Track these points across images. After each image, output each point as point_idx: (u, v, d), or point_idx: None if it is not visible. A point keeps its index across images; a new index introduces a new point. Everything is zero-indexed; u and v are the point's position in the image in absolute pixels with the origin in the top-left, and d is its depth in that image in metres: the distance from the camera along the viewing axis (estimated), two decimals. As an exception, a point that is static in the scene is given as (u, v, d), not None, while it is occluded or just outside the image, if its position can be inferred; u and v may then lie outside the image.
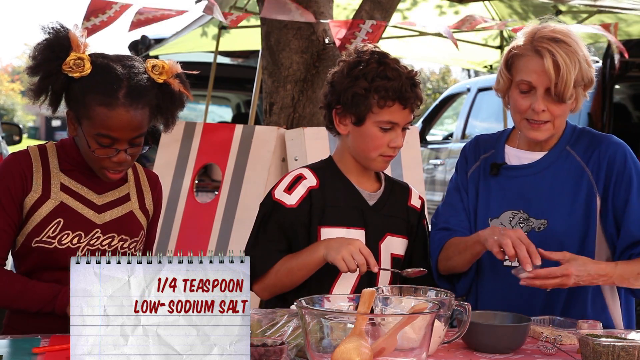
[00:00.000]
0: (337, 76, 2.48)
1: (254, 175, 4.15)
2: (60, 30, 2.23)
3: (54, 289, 2.24)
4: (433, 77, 35.08)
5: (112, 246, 2.34)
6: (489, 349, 2.12)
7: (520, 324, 2.16)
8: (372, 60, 2.44)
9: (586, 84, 2.41)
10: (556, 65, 2.32)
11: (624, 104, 8.28)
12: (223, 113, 11.52)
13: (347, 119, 2.46)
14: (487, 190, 2.52)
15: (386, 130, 2.43)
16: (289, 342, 1.95)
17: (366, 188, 2.54)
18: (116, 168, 2.27)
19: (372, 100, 2.40)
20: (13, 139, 8.12)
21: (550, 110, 2.37)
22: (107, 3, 4.16)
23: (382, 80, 2.39)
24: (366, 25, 4.03)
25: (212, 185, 7.00)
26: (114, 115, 2.18)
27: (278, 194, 2.49)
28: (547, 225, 2.42)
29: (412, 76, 2.44)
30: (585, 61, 2.36)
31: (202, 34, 7.01)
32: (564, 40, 2.35)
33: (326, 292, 2.42)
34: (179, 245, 4.26)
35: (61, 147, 2.36)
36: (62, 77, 2.21)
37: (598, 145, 2.44)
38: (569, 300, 2.43)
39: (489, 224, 2.48)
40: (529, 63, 2.37)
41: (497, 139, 2.59)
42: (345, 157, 2.53)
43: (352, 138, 2.48)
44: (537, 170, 2.48)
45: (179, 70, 2.32)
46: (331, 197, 2.48)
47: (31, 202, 2.27)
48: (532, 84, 2.36)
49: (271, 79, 4.43)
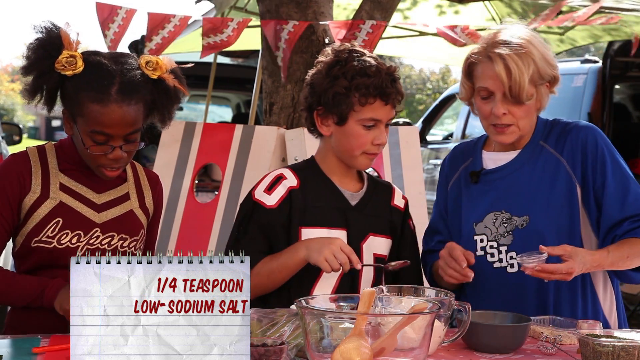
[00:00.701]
0: (316, 77, 2.47)
1: (254, 175, 4.15)
2: (52, 29, 2.24)
3: (42, 282, 2.24)
4: (433, 77, 35.10)
5: (111, 245, 2.34)
6: (489, 349, 2.12)
7: (520, 324, 2.16)
8: (350, 58, 2.43)
9: (549, 81, 2.44)
10: (507, 68, 2.36)
11: (624, 104, 8.28)
12: (223, 113, 11.52)
13: (329, 120, 2.45)
14: (469, 198, 2.57)
15: (369, 128, 2.42)
16: (289, 342, 1.95)
17: (348, 188, 2.53)
18: (113, 165, 2.27)
19: (354, 99, 2.40)
20: (13, 139, 8.12)
21: (511, 112, 2.41)
22: (112, 8, 4.17)
23: (362, 77, 2.39)
24: (366, 26, 4.03)
25: (212, 185, 7.00)
26: (107, 111, 2.18)
27: (258, 194, 2.48)
28: (529, 222, 2.44)
29: (391, 72, 2.44)
30: (542, 60, 2.39)
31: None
32: (517, 43, 2.38)
33: (307, 293, 2.40)
34: (179, 245, 4.26)
35: (60, 147, 2.36)
36: (56, 76, 2.22)
37: (568, 133, 2.48)
38: (558, 299, 2.45)
39: (474, 229, 2.50)
40: (484, 69, 2.42)
41: (474, 145, 2.64)
42: (327, 158, 2.53)
43: (336, 138, 2.47)
44: (514, 169, 2.51)
45: (173, 65, 2.32)
46: (312, 198, 2.47)
47: (30, 202, 2.28)
48: (489, 90, 2.41)
49: (271, 79, 4.43)
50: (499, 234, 2.47)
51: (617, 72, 7.24)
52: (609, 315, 2.49)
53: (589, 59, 7.77)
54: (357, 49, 2.47)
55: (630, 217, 2.38)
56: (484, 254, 2.48)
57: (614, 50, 7.08)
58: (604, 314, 2.48)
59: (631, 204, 2.39)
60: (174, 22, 4.20)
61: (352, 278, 2.46)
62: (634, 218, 2.37)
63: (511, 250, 2.45)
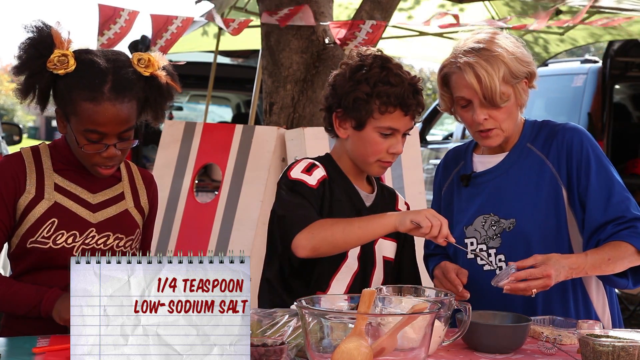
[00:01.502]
0: (338, 79, 2.46)
1: (254, 175, 4.15)
2: (43, 28, 2.23)
3: (39, 294, 2.21)
4: (433, 77, 35.05)
5: (107, 245, 2.33)
6: (489, 349, 2.12)
7: (520, 324, 2.16)
8: (374, 64, 2.42)
9: (526, 78, 2.43)
10: (477, 76, 2.36)
11: (624, 104, 8.28)
12: (223, 113, 11.51)
13: (347, 123, 2.45)
14: (460, 202, 2.57)
15: (386, 136, 2.42)
16: (289, 342, 1.94)
17: (362, 189, 2.54)
18: (107, 163, 2.26)
19: (374, 106, 2.39)
20: (13, 139, 8.12)
21: (492, 117, 2.41)
22: (115, 10, 4.18)
23: (385, 85, 2.38)
24: (366, 26, 4.03)
25: (212, 185, 7.00)
26: (100, 110, 2.17)
27: (295, 174, 2.42)
28: (516, 224, 2.44)
29: (414, 82, 2.43)
30: (513, 60, 2.38)
31: (203, 34, 7.02)
32: (484, 47, 2.38)
33: (325, 288, 2.41)
34: (179, 245, 4.26)
35: (54, 147, 2.36)
36: (47, 75, 2.21)
37: (555, 136, 2.46)
38: (549, 302, 2.44)
39: (464, 232, 2.51)
40: (457, 80, 2.42)
41: (466, 149, 2.65)
42: (343, 158, 2.52)
43: (352, 142, 2.47)
44: (501, 172, 2.51)
45: (165, 62, 2.31)
46: (336, 191, 2.47)
47: (25, 203, 2.27)
48: (466, 98, 2.41)
49: (271, 79, 4.43)
50: (488, 237, 2.47)
51: (617, 72, 7.24)
52: (602, 316, 2.49)
53: (589, 59, 7.77)
54: (384, 56, 2.45)
55: (614, 220, 2.34)
56: (475, 257, 2.48)
57: (614, 50, 7.09)
58: (596, 314, 2.48)
59: (614, 205, 2.36)
60: (177, 24, 4.21)
61: (364, 277, 2.47)
62: (617, 221, 2.34)
63: (500, 252, 2.45)
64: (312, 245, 2.29)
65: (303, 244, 2.29)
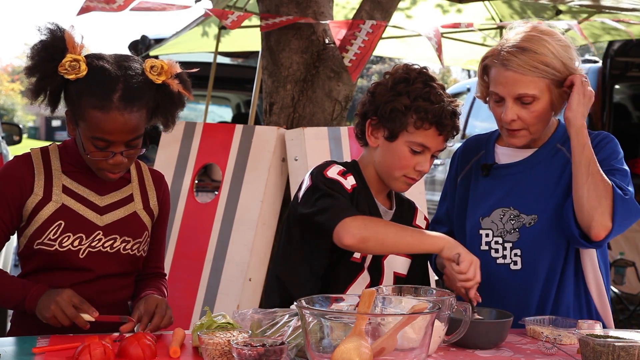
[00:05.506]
0: (380, 88, 2.47)
1: (254, 175, 4.15)
2: (56, 31, 2.21)
3: (24, 289, 2.21)
4: (433, 77, 34.98)
5: (114, 248, 2.33)
6: (471, 345, 2.13)
7: (502, 320, 2.19)
8: (418, 79, 2.42)
9: (568, 85, 2.40)
10: (514, 76, 2.35)
11: (624, 104, 8.28)
12: (223, 113, 11.51)
13: (379, 132, 2.45)
14: (477, 191, 2.57)
15: (416, 153, 2.42)
16: (289, 342, 1.94)
17: (382, 203, 2.54)
18: (113, 170, 2.25)
19: (410, 119, 2.39)
20: (13, 139, 8.11)
21: (521, 118, 2.40)
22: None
23: (424, 101, 2.38)
24: (366, 25, 4.03)
25: (212, 185, 6.99)
26: (108, 118, 2.15)
27: (332, 174, 2.41)
28: (537, 221, 2.44)
29: (454, 105, 2.43)
30: (558, 63, 2.35)
31: (203, 34, 7.01)
32: (529, 48, 2.35)
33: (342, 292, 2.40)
34: (179, 246, 4.26)
35: (64, 148, 2.35)
36: (58, 79, 2.20)
37: None
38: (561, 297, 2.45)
39: (480, 223, 2.50)
40: (495, 74, 2.42)
41: (488, 139, 2.64)
42: (368, 168, 2.51)
43: (381, 152, 2.46)
44: (527, 167, 2.51)
45: (178, 70, 2.30)
46: (360, 202, 2.45)
47: (32, 204, 2.26)
48: (500, 95, 2.40)
49: (271, 79, 4.42)
50: (505, 231, 2.47)
51: (617, 72, 7.23)
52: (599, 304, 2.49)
53: (589, 59, 7.77)
54: (429, 73, 2.46)
55: None
56: (489, 249, 2.48)
57: (614, 50, 7.08)
58: (596, 310, 2.49)
59: None
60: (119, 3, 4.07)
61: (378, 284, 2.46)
62: None
63: (516, 247, 2.45)
64: (362, 235, 2.26)
65: (353, 231, 2.25)
